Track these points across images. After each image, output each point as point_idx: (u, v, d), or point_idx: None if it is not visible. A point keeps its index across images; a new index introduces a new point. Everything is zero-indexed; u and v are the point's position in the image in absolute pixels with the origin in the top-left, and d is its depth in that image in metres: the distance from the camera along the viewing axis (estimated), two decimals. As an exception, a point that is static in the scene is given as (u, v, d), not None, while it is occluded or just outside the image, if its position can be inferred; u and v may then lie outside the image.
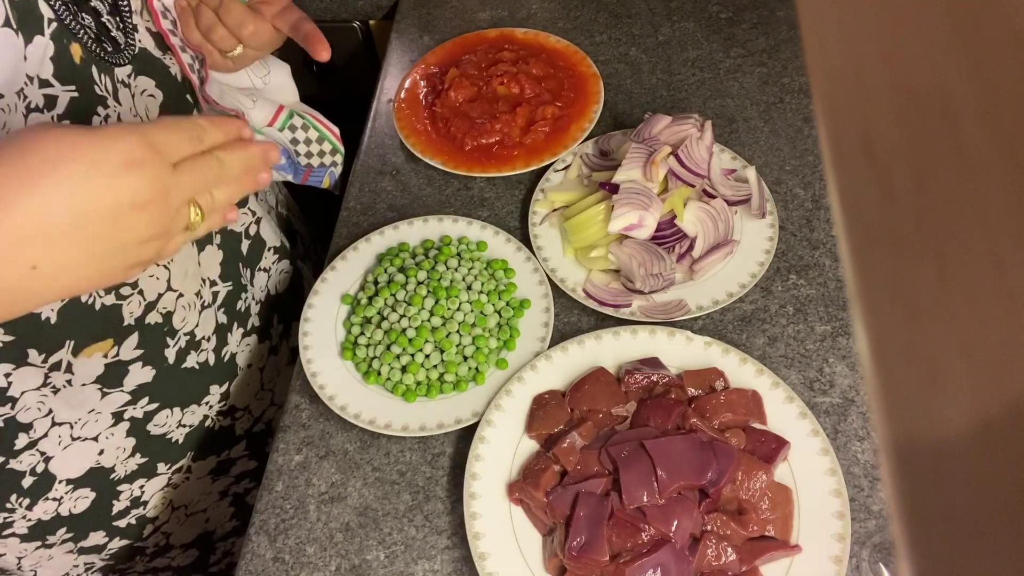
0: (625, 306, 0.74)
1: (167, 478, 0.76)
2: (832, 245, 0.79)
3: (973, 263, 0.11)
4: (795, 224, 0.81)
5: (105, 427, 0.67)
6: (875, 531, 0.63)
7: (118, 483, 0.71)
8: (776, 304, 0.76)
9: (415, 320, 0.73)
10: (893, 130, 0.13)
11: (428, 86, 0.96)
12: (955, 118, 0.11)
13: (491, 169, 0.87)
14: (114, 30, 0.59)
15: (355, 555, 0.66)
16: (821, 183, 0.84)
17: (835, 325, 0.74)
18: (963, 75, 0.11)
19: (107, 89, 0.56)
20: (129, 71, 0.59)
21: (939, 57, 0.12)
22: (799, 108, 0.91)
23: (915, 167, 0.12)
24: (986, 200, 0.11)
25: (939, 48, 0.12)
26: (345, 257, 0.81)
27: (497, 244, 0.81)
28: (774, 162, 0.86)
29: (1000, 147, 0.11)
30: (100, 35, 0.57)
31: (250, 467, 0.86)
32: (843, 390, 0.70)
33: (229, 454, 0.82)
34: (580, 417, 0.67)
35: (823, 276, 0.77)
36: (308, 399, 0.74)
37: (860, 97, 0.14)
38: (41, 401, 0.61)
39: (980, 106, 0.11)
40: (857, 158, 0.14)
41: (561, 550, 0.60)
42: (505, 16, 1.05)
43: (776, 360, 0.72)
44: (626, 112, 0.93)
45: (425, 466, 0.70)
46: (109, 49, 0.57)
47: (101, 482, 0.70)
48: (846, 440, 0.67)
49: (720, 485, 0.59)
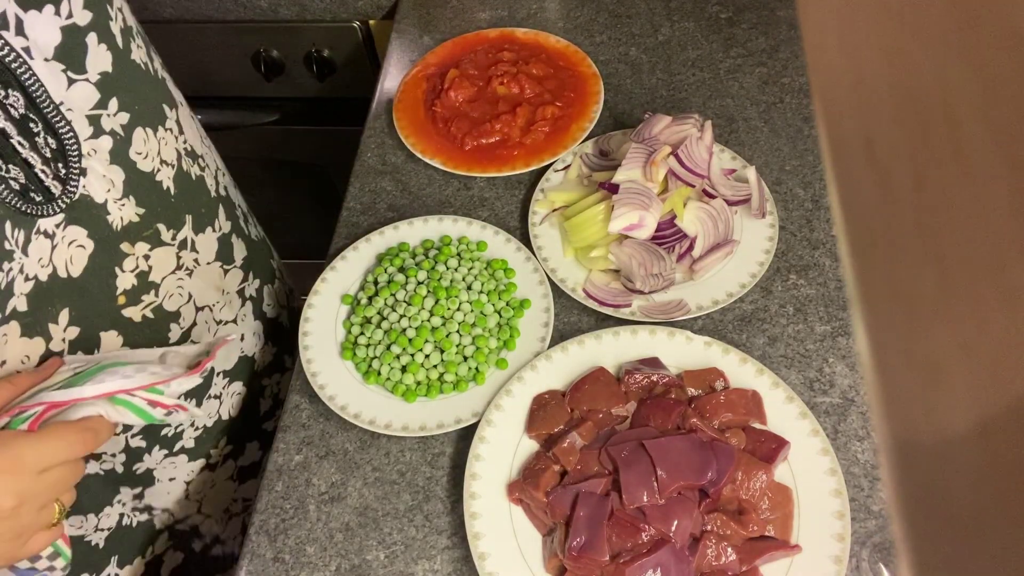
0: (625, 306, 0.74)
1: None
2: (832, 245, 0.79)
3: (973, 263, 0.11)
4: (795, 224, 0.81)
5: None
6: (875, 531, 0.63)
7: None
8: (776, 304, 0.76)
9: (415, 320, 0.73)
10: (893, 130, 0.13)
11: (428, 86, 0.96)
12: (955, 118, 0.11)
13: (491, 169, 0.87)
14: (48, 179, 0.55)
15: (355, 555, 0.66)
16: (821, 183, 0.84)
17: (835, 325, 0.74)
18: (963, 75, 0.11)
19: (16, 243, 0.53)
20: (59, 220, 0.56)
21: (939, 57, 0.12)
22: (799, 108, 0.91)
23: (915, 167, 0.12)
24: (986, 200, 0.11)
25: (939, 48, 0.12)
26: (345, 257, 0.81)
27: (497, 244, 0.81)
28: (774, 162, 0.86)
29: (1000, 147, 0.11)
30: (28, 186, 0.53)
31: (178, 561, 0.80)
32: (843, 390, 0.70)
33: (153, 550, 0.76)
34: (580, 417, 0.67)
35: (823, 276, 0.77)
36: (308, 399, 0.74)
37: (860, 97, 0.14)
38: None
39: (980, 106, 0.11)
40: (857, 158, 0.14)
41: (561, 550, 0.60)
42: (505, 16, 1.05)
43: (776, 360, 0.72)
44: (626, 112, 0.93)
45: (425, 466, 0.70)
46: (38, 199, 0.54)
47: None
48: (846, 440, 0.67)
49: (720, 485, 0.59)
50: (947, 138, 0.12)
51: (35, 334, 0.57)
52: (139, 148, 0.61)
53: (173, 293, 0.68)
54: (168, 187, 0.65)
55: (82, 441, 0.51)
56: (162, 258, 0.66)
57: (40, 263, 0.55)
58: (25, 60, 0.51)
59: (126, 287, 0.63)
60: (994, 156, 0.11)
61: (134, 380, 0.55)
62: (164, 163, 0.65)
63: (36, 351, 0.57)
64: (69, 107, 0.55)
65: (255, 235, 0.85)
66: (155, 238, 0.64)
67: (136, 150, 0.61)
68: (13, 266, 0.53)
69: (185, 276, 0.69)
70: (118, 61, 0.58)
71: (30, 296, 0.55)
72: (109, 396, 0.54)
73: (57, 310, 0.58)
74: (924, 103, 0.12)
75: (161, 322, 0.67)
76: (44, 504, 0.51)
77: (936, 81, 0.12)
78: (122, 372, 0.55)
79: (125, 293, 0.63)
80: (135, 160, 0.61)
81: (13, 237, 0.53)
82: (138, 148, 0.61)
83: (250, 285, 0.81)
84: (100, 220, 0.59)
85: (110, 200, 0.59)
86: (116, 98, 0.58)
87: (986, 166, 0.11)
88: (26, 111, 0.53)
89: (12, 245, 0.53)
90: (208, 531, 0.83)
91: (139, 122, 0.61)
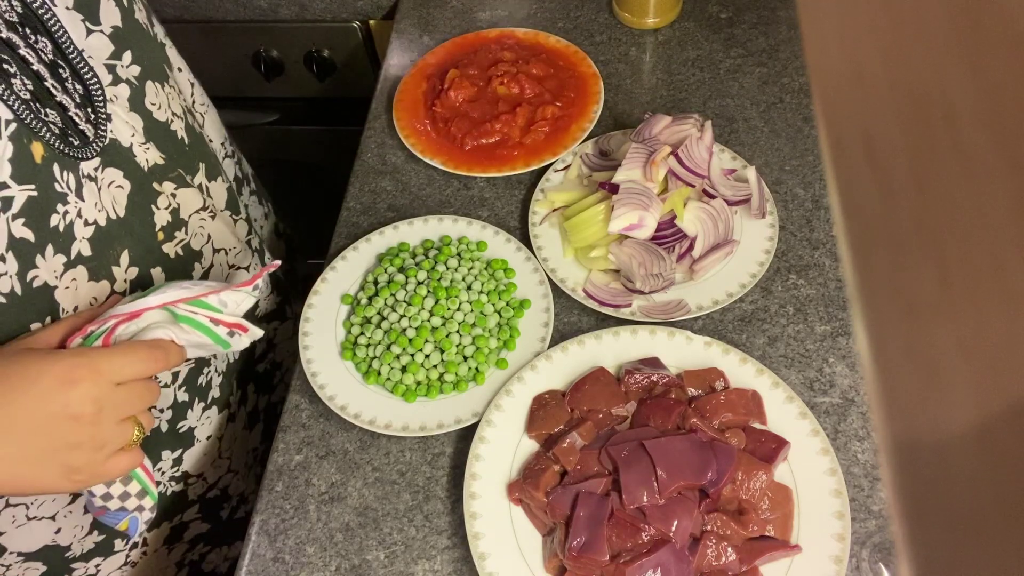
0: (625, 306, 0.74)
1: (125, 555, 0.74)
2: (832, 245, 0.79)
3: (973, 263, 0.11)
4: (795, 224, 0.81)
5: (62, 505, 0.65)
6: (875, 531, 0.63)
7: (73, 561, 0.69)
8: (776, 304, 0.76)
9: (415, 320, 0.73)
10: (893, 130, 0.13)
11: (428, 86, 0.96)
12: (955, 118, 0.11)
13: (491, 169, 0.87)
14: (82, 123, 0.57)
15: (355, 555, 0.66)
16: (821, 183, 0.84)
17: (835, 325, 0.74)
18: (963, 75, 0.11)
19: (69, 186, 0.55)
20: (96, 164, 0.58)
21: (939, 57, 0.12)
22: (799, 108, 0.91)
23: (915, 167, 0.12)
24: (986, 200, 0.11)
25: (939, 48, 0.12)
26: (345, 257, 0.81)
27: (497, 244, 0.81)
28: (774, 162, 0.86)
29: (1000, 147, 0.11)
30: (66, 130, 0.56)
31: (203, 530, 0.83)
32: (843, 390, 0.70)
33: (181, 518, 0.79)
34: (580, 417, 0.67)
35: (823, 276, 0.77)
36: (308, 399, 0.74)
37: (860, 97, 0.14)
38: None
39: (980, 106, 0.11)
40: (857, 158, 0.14)
41: (561, 550, 0.60)
42: (505, 16, 1.05)
43: (776, 360, 0.72)
44: (626, 112, 0.93)
45: (425, 466, 0.70)
46: (76, 143, 0.56)
47: (55, 560, 0.68)
48: (846, 440, 0.67)
49: (720, 485, 0.59)
50: (947, 138, 0.12)
51: (101, 277, 0.60)
52: (152, 99, 0.64)
53: (197, 232, 0.71)
54: (182, 136, 0.69)
55: (153, 358, 0.53)
56: (188, 197, 0.69)
57: (96, 207, 0.58)
58: (50, 7, 0.55)
59: (163, 223, 0.66)
60: (994, 156, 0.11)
61: (191, 290, 0.57)
62: (175, 115, 0.68)
63: (103, 295, 0.60)
64: (90, 55, 0.58)
65: (250, 201, 0.89)
66: (180, 179, 0.67)
67: (150, 100, 0.64)
68: (69, 209, 0.55)
69: (208, 218, 0.72)
70: (126, 18, 0.62)
71: (92, 240, 0.58)
72: (171, 310, 0.56)
73: (118, 252, 0.61)
74: (924, 103, 0.12)
75: (188, 260, 0.70)
76: (122, 417, 0.52)
77: (936, 81, 0.12)
78: (179, 284, 0.58)
79: (163, 229, 0.66)
80: (150, 109, 0.64)
81: (64, 180, 0.55)
82: (151, 99, 0.64)
83: (255, 239, 0.84)
84: (131, 162, 0.62)
85: (135, 144, 0.62)
86: (130, 51, 0.62)
87: (986, 166, 0.11)
88: (54, 56, 0.56)
89: (64, 188, 0.55)
90: (236, 491, 0.86)
91: (148, 76, 0.64)
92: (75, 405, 0.49)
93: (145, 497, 0.57)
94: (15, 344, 0.53)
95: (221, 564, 0.89)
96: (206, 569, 0.87)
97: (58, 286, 0.56)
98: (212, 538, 0.85)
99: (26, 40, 0.54)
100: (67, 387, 0.49)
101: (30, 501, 0.63)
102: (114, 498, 0.56)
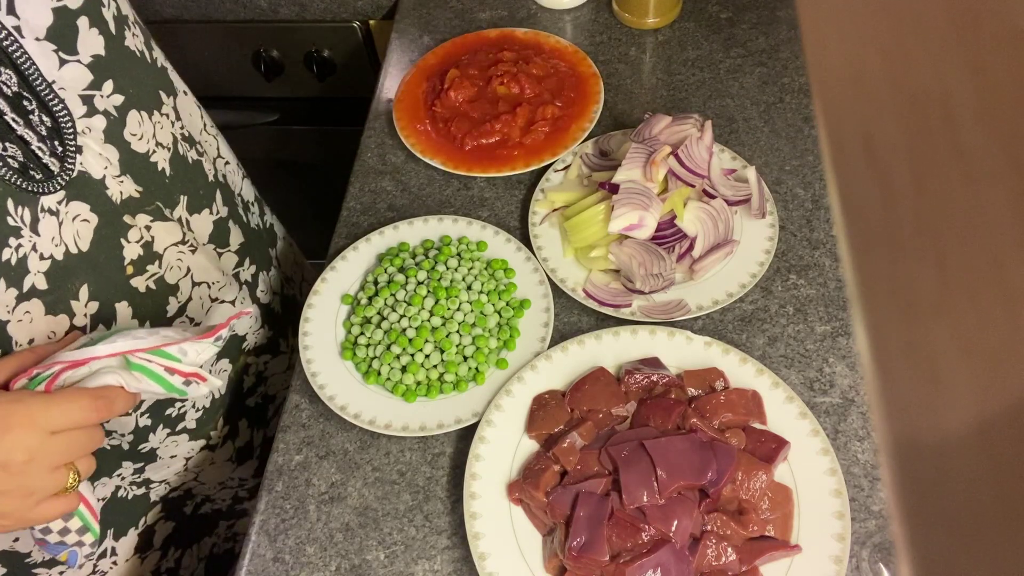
0: (625, 306, 0.74)
1: (92, 565, 0.73)
2: (832, 245, 0.79)
3: (973, 263, 0.11)
4: (795, 224, 0.81)
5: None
6: (875, 531, 0.63)
7: (34, 567, 0.68)
8: (776, 304, 0.76)
9: (415, 320, 0.73)
10: (893, 130, 0.13)
11: (428, 86, 0.96)
12: (955, 118, 0.11)
13: (491, 169, 0.87)
14: (46, 156, 0.56)
15: (355, 555, 0.66)
16: (821, 183, 0.84)
17: (835, 325, 0.74)
18: (963, 75, 0.11)
19: (23, 220, 0.54)
20: (60, 197, 0.57)
21: (939, 57, 0.12)
22: (799, 108, 0.91)
23: (915, 167, 0.12)
24: (986, 200, 0.11)
25: (939, 48, 0.12)
26: (345, 257, 0.81)
27: (497, 244, 0.81)
28: (774, 162, 0.86)
29: (1000, 147, 0.11)
30: (27, 164, 0.55)
31: (168, 530, 0.82)
32: (843, 390, 0.70)
33: (146, 521, 0.78)
34: (580, 417, 0.67)
35: (823, 276, 0.77)
36: (308, 399, 0.74)
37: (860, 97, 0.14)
38: None
39: (980, 106, 0.11)
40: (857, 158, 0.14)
41: (561, 550, 0.60)
42: (505, 16, 1.05)
43: (776, 360, 0.72)
44: (626, 112, 0.93)
45: (425, 466, 0.70)
46: (38, 177, 0.55)
47: (16, 564, 0.67)
48: (846, 440, 0.67)
49: (720, 485, 0.59)
50: (947, 138, 0.12)
51: (59, 311, 0.58)
52: (133, 129, 0.63)
53: (174, 266, 0.69)
54: (163, 168, 0.67)
55: (95, 407, 0.51)
56: (164, 230, 0.67)
57: (53, 242, 0.57)
58: (16, 39, 0.53)
59: (132, 257, 0.64)
60: (994, 156, 0.11)
61: (146, 341, 0.55)
62: (160, 145, 0.66)
63: (61, 328, 0.59)
64: (62, 86, 0.56)
65: (256, 224, 0.86)
66: (157, 212, 0.66)
67: (131, 131, 0.62)
68: (23, 243, 0.54)
69: (187, 251, 0.70)
70: (111, 46, 0.60)
71: (48, 274, 0.57)
72: (125, 356, 0.55)
73: (76, 287, 0.59)
74: (924, 103, 0.12)
75: (161, 294, 0.68)
76: (55, 466, 0.51)
77: (936, 81, 0.12)
78: (134, 334, 0.56)
79: (132, 263, 0.64)
80: (129, 141, 0.62)
81: (17, 214, 0.54)
82: (132, 129, 0.63)
83: (245, 270, 0.82)
84: (100, 195, 0.60)
85: (108, 176, 0.61)
86: (112, 80, 0.60)
87: (986, 166, 0.11)
88: (19, 89, 0.54)
89: (17, 222, 0.54)
90: (199, 492, 0.85)
91: (134, 105, 0.62)
92: (4, 453, 0.48)
93: (86, 533, 0.56)
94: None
95: (197, 567, 0.88)
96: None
97: (10, 320, 0.55)
98: (180, 538, 0.84)
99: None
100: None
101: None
102: (53, 532, 0.55)
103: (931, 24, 0.12)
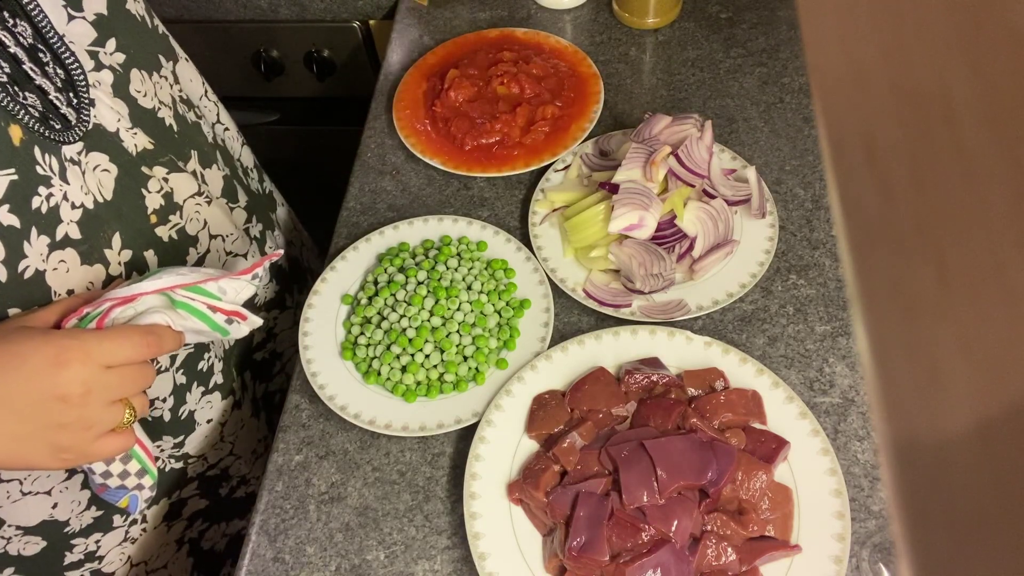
0: (625, 306, 0.74)
1: (124, 531, 0.74)
2: (832, 245, 0.79)
3: (973, 263, 0.11)
4: (795, 224, 0.81)
5: (58, 481, 0.65)
6: (875, 531, 0.63)
7: (72, 536, 0.69)
8: (776, 304, 0.76)
9: (415, 320, 0.73)
10: (893, 130, 0.13)
11: (428, 86, 0.96)
12: (955, 118, 0.11)
13: (491, 169, 0.87)
14: (63, 107, 0.57)
15: (355, 555, 0.66)
16: (821, 183, 0.84)
17: (835, 325, 0.74)
18: (963, 75, 0.11)
19: (52, 169, 0.55)
20: (80, 148, 0.58)
21: (939, 57, 0.12)
22: (799, 108, 0.91)
23: (915, 167, 0.12)
24: (986, 200, 0.11)
25: (939, 48, 0.12)
26: (345, 257, 0.81)
27: (497, 244, 0.81)
28: (774, 162, 0.86)
29: (1000, 147, 0.11)
30: (47, 113, 0.56)
31: (201, 506, 0.84)
32: (843, 390, 0.70)
33: (180, 494, 0.80)
34: (580, 417, 0.67)
35: (823, 276, 0.77)
36: (308, 399, 0.74)
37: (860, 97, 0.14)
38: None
39: (980, 106, 0.11)
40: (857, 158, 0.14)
41: (561, 550, 0.60)
42: (505, 16, 1.05)
43: (776, 360, 0.72)
44: (626, 112, 0.93)
45: (425, 466, 0.70)
46: (57, 126, 0.56)
47: (54, 534, 0.68)
48: (846, 440, 0.67)
49: (720, 485, 0.59)
50: (947, 138, 0.12)
51: (94, 261, 0.60)
52: (137, 87, 0.64)
53: (192, 218, 0.71)
54: (171, 124, 0.69)
55: (146, 343, 0.53)
56: (181, 182, 0.69)
57: (82, 190, 0.58)
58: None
59: (155, 207, 0.66)
60: (994, 156, 0.11)
61: (189, 276, 0.57)
62: (162, 103, 0.68)
63: (98, 278, 0.61)
64: (71, 40, 0.58)
65: (256, 189, 0.88)
66: (172, 164, 0.67)
67: (135, 88, 0.64)
68: (53, 191, 0.56)
69: (204, 203, 0.72)
70: (113, 7, 0.62)
71: (81, 223, 0.58)
72: (168, 295, 0.56)
73: (109, 235, 0.61)
74: (924, 103, 0.12)
75: (183, 245, 0.70)
76: (112, 400, 0.52)
77: (936, 81, 0.12)
78: (178, 271, 0.57)
79: (155, 212, 0.66)
80: (135, 96, 0.64)
81: (45, 162, 0.55)
82: (136, 86, 0.64)
83: (254, 227, 0.84)
84: (117, 146, 0.62)
85: (121, 129, 0.62)
86: (114, 39, 0.62)
87: (986, 166, 0.11)
88: (34, 41, 0.56)
89: (46, 170, 0.55)
90: (236, 472, 0.87)
91: (135, 64, 0.64)
92: (63, 386, 0.49)
93: (144, 476, 0.58)
94: (11, 322, 0.53)
95: (220, 541, 0.90)
96: (204, 547, 0.87)
97: (47, 269, 0.56)
98: (211, 515, 0.86)
99: (3, 23, 0.54)
100: (56, 368, 0.49)
101: (23, 476, 0.63)
102: (113, 476, 0.56)
103: (931, 24, 0.12)
